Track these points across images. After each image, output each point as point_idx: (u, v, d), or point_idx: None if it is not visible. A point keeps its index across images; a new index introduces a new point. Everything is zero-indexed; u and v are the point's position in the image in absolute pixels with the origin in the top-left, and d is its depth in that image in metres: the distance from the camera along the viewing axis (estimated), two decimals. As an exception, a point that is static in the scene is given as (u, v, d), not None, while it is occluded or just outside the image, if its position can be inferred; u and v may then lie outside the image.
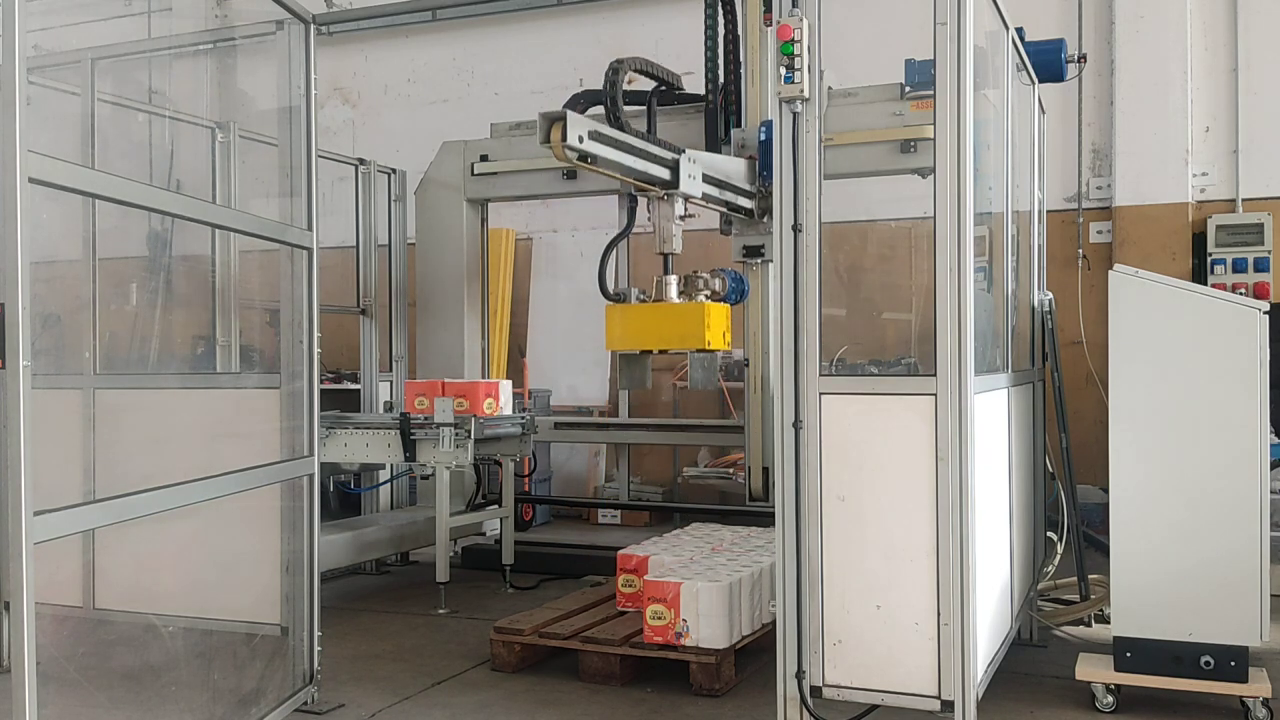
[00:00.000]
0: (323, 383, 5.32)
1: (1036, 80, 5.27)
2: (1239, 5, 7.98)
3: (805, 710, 3.61)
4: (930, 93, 3.53)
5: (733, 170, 5.51)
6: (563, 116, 3.87)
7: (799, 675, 3.62)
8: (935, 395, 3.47)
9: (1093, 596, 5.24)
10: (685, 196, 4.75)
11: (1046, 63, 5.33)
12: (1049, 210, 6.78)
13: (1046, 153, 6.15)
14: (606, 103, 4.45)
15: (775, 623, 3.69)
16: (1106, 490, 4.30)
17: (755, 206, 5.84)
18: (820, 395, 3.62)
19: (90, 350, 5.25)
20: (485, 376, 7.51)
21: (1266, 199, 7.87)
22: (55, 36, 8.26)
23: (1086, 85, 8.23)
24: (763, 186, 5.78)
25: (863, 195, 7.70)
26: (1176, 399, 4.14)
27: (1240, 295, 5.60)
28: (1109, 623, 4.35)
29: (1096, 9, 8.33)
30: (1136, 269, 4.31)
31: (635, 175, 4.48)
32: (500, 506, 6.81)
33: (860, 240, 8.77)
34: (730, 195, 5.47)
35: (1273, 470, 4.63)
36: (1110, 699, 4.25)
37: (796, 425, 3.63)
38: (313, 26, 4.31)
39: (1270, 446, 4.16)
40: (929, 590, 3.50)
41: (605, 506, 9.05)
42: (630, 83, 4.84)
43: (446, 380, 6.43)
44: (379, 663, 5.08)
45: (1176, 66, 8.01)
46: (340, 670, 4.88)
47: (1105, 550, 4.57)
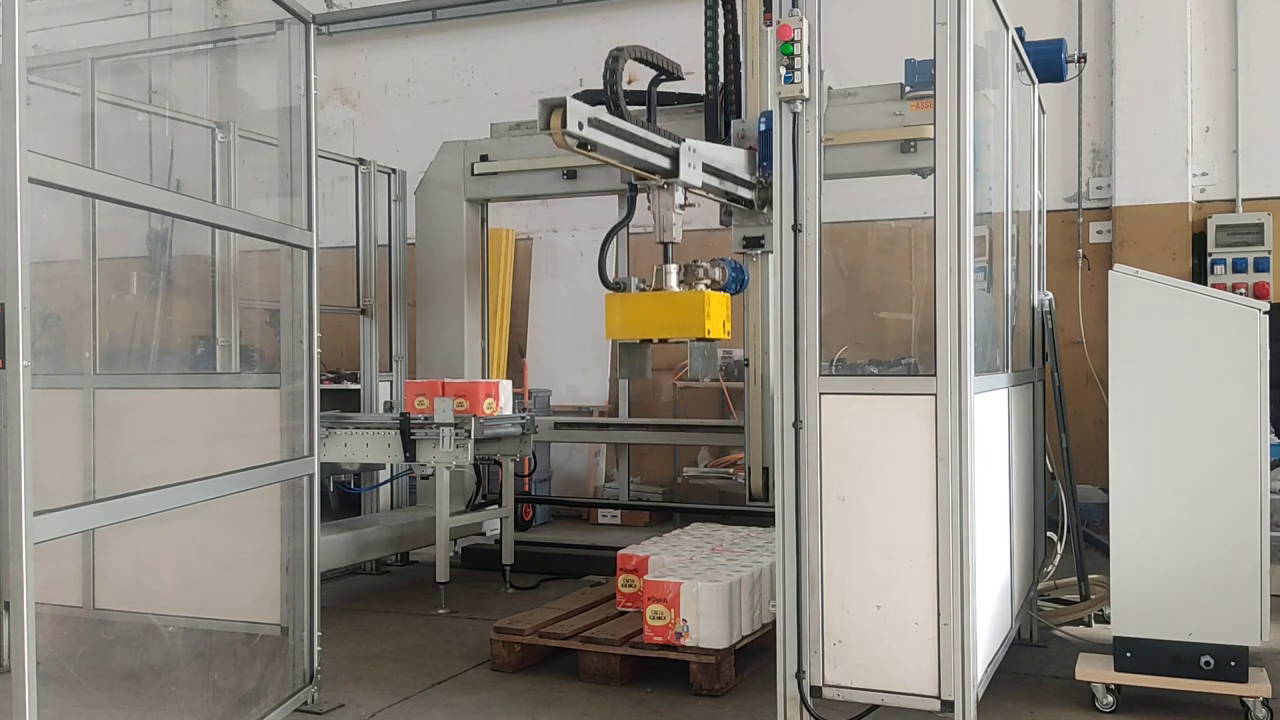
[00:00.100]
0: (323, 383, 5.32)
1: (1036, 80, 5.27)
2: (1239, 5, 7.98)
3: (805, 710, 3.61)
4: (930, 93, 3.53)
5: (732, 161, 5.50)
6: (563, 103, 3.87)
7: (799, 675, 3.62)
8: (935, 395, 3.48)
9: (1093, 596, 5.24)
10: (685, 185, 4.73)
11: (1046, 63, 5.33)
12: (1049, 210, 6.77)
13: (1046, 153, 6.15)
14: (606, 90, 4.44)
15: (775, 623, 3.69)
16: (1106, 490, 4.30)
17: (755, 197, 5.82)
18: (820, 395, 3.62)
19: (90, 350, 5.25)
20: (485, 376, 7.51)
21: (1266, 199, 7.87)
22: (55, 36, 8.27)
23: (1086, 85, 8.23)
24: (763, 177, 5.76)
25: (863, 195, 7.72)
26: (1176, 399, 4.14)
27: (1240, 295, 5.60)
28: (1109, 623, 4.35)
29: (1096, 9, 8.33)
30: (1136, 269, 4.31)
31: (635, 163, 4.47)
32: (500, 506, 6.81)
33: (860, 240, 8.77)
34: (730, 185, 5.46)
35: (1273, 470, 4.62)
36: (1110, 699, 4.25)
37: (796, 425, 3.63)
38: (313, 26, 4.31)
39: (1270, 446, 4.15)
40: (929, 590, 3.50)
41: (605, 506, 9.05)
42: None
43: (446, 380, 6.43)
44: (379, 663, 5.08)
45: (1176, 66, 8.01)
46: (340, 670, 4.88)
47: (1105, 550, 4.57)
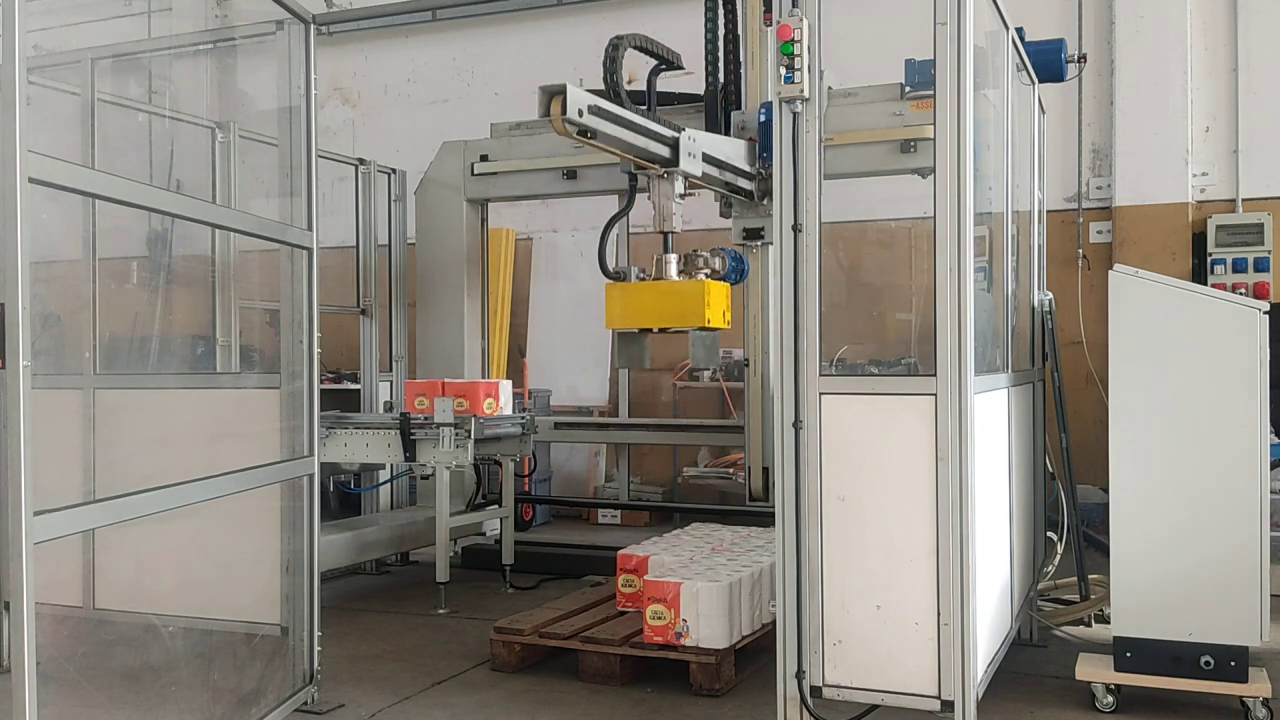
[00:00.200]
0: (323, 383, 5.32)
1: (1036, 80, 5.27)
2: (1239, 5, 7.98)
3: (805, 710, 3.61)
4: (930, 93, 3.53)
5: (732, 152, 5.48)
6: (562, 90, 3.86)
7: (799, 675, 3.62)
8: (935, 395, 3.48)
9: (1093, 596, 5.24)
10: (685, 175, 4.74)
11: (1046, 63, 5.33)
12: (1049, 210, 6.77)
13: (1046, 153, 6.15)
14: (606, 78, 4.43)
15: (775, 623, 3.69)
16: (1106, 490, 4.30)
17: (755, 189, 5.81)
18: (820, 395, 3.62)
19: (90, 350, 5.25)
20: (485, 376, 7.51)
21: (1266, 199, 7.87)
22: (55, 36, 8.27)
23: (1086, 85, 8.23)
24: (763, 169, 5.75)
25: (863, 195, 7.71)
26: (1176, 399, 4.14)
27: (1240, 295, 5.60)
28: (1109, 623, 4.35)
29: (1096, 9, 8.33)
30: (1136, 269, 4.31)
31: (635, 152, 4.47)
32: (500, 506, 6.81)
33: (860, 240, 8.77)
34: (730, 176, 5.45)
35: (1273, 470, 4.62)
36: (1110, 699, 4.25)
37: (796, 425, 3.63)
38: (313, 26, 4.31)
39: (1270, 446, 4.15)
40: (929, 590, 3.50)
41: (605, 506, 9.04)
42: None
43: (446, 380, 6.43)
44: (379, 663, 5.08)
45: (1176, 66, 8.01)
46: (340, 670, 4.88)
47: (1105, 550, 4.57)
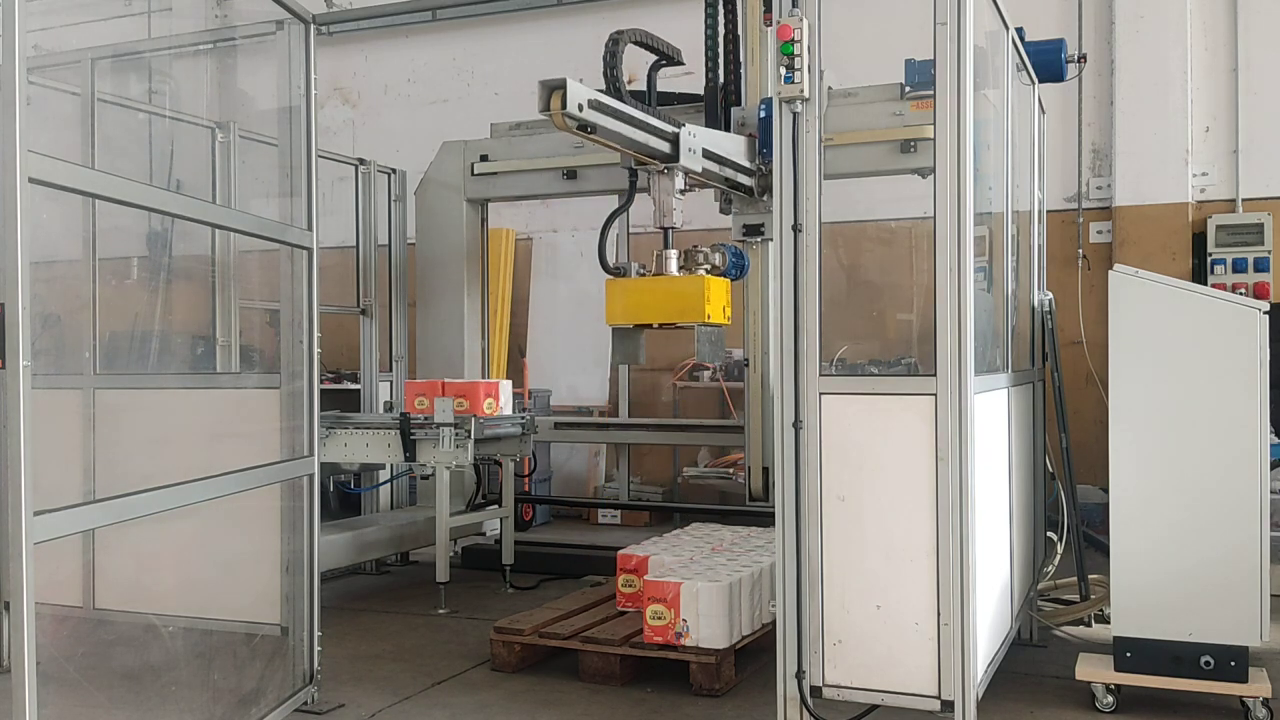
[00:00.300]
0: (323, 383, 5.32)
1: (1036, 80, 5.27)
2: (1239, 5, 7.98)
3: (805, 710, 3.61)
4: (930, 93, 3.53)
5: (732, 147, 5.48)
6: (562, 84, 3.86)
7: (799, 675, 3.62)
8: (935, 395, 3.48)
9: (1093, 596, 5.24)
10: (685, 170, 4.73)
11: (1046, 63, 5.33)
12: (1049, 210, 6.77)
13: (1046, 153, 6.15)
14: (606, 73, 4.43)
15: (775, 623, 3.69)
16: (1106, 490, 4.30)
17: (755, 184, 5.80)
18: (820, 395, 3.62)
19: (90, 350, 5.24)
20: (485, 376, 7.51)
21: (1266, 199, 7.87)
22: (55, 36, 8.27)
23: (1086, 85, 8.23)
24: (762, 164, 5.75)
25: (863, 195, 7.71)
26: (1176, 399, 4.14)
27: (1240, 295, 5.60)
28: (1109, 623, 4.35)
29: (1096, 9, 8.33)
30: (1136, 269, 4.31)
31: (635, 147, 4.47)
32: (500, 506, 6.81)
33: (860, 240, 8.77)
34: (730, 172, 5.45)
35: (1273, 470, 4.62)
36: (1110, 699, 4.25)
37: (796, 425, 3.63)
38: (313, 26, 4.31)
39: (1270, 446, 4.15)
40: (929, 590, 3.50)
41: (605, 506, 9.04)
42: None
43: (446, 380, 6.43)
44: (379, 663, 5.08)
45: (1176, 66, 8.01)
46: (340, 670, 4.88)
47: (1105, 550, 4.57)
